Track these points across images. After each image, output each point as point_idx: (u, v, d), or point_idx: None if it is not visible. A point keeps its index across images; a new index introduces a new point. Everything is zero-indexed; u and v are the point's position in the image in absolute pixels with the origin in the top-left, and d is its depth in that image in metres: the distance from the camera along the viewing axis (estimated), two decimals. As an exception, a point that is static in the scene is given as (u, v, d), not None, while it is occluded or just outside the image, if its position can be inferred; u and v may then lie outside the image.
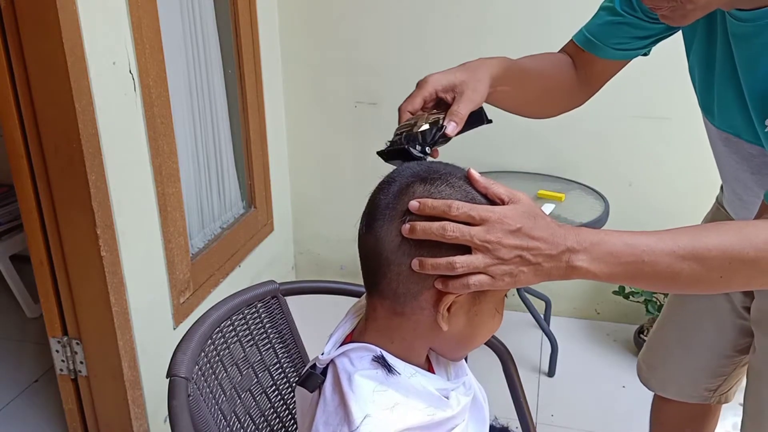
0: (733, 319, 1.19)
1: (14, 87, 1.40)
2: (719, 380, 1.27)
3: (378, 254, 0.70)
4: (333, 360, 0.74)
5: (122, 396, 1.67)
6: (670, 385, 1.32)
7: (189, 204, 1.96)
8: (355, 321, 0.80)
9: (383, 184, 0.72)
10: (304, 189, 2.66)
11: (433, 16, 2.26)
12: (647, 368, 1.36)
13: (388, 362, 0.71)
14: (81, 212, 1.47)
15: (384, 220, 0.69)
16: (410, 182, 0.70)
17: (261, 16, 2.23)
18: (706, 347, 1.24)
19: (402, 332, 0.73)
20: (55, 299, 1.61)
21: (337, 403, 0.70)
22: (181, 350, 0.93)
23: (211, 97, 2.07)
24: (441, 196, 0.68)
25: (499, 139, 2.31)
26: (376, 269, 0.71)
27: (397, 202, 0.69)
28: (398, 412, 0.69)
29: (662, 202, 2.26)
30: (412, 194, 0.69)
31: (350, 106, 2.45)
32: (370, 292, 0.75)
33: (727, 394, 1.30)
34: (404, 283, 0.69)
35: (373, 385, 0.70)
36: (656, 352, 1.34)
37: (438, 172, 0.71)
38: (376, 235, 0.69)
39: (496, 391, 1.10)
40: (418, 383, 0.72)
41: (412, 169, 0.72)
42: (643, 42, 1.03)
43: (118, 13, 1.50)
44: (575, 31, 1.11)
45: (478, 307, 0.72)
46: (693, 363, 1.27)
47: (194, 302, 1.92)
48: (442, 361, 0.82)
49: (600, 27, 1.04)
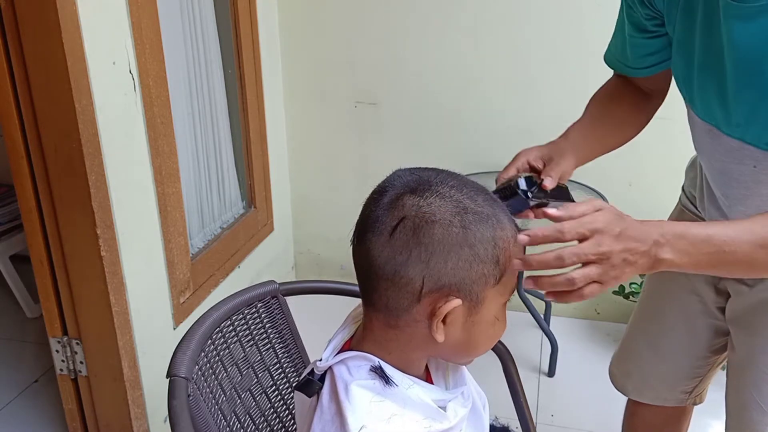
0: (705, 320, 1.19)
1: (14, 87, 1.40)
2: (695, 381, 1.27)
3: (368, 267, 0.69)
4: (331, 367, 0.73)
5: (122, 396, 1.66)
6: (647, 391, 1.32)
7: (189, 204, 1.96)
8: (354, 327, 0.79)
9: (375, 193, 0.71)
10: (304, 189, 2.66)
11: (434, 16, 2.26)
12: (621, 374, 1.36)
13: (386, 373, 0.70)
14: (81, 212, 1.47)
15: (373, 233, 0.68)
16: (401, 194, 0.68)
17: (261, 16, 2.23)
18: (679, 351, 1.25)
19: (398, 344, 0.72)
20: (55, 299, 1.61)
21: (333, 413, 0.70)
22: (181, 350, 0.93)
23: (211, 97, 2.07)
24: (431, 209, 0.66)
25: (498, 140, 2.31)
26: (367, 282, 0.70)
27: (387, 215, 0.68)
28: (394, 424, 0.68)
29: (662, 202, 2.25)
30: (401, 207, 0.67)
31: (350, 106, 2.45)
32: (365, 304, 0.74)
33: (702, 394, 1.31)
34: (394, 297, 0.68)
35: (370, 395, 0.69)
36: (629, 359, 1.34)
37: (428, 182, 0.68)
38: (366, 248, 0.69)
39: (496, 391, 1.10)
40: (416, 395, 0.71)
41: (403, 179, 0.70)
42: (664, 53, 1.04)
43: (118, 13, 1.50)
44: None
45: (475, 317, 0.70)
46: (667, 367, 1.27)
47: (194, 302, 1.92)
48: (441, 371, 0.81)
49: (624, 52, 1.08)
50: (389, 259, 0.67)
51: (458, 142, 2.37)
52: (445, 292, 0.67)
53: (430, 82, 2.34)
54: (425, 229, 0.66)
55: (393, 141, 2.43)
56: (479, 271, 0.67)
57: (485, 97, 2.31)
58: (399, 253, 0.66)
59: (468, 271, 0.67)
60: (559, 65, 2.21)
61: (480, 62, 2.26)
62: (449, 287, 0.67)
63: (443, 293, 0.67)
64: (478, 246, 0.67)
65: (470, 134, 2.36)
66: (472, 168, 2.22)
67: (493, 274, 0.68)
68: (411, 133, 2.41)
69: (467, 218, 0.67)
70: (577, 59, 2.17)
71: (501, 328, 0.75)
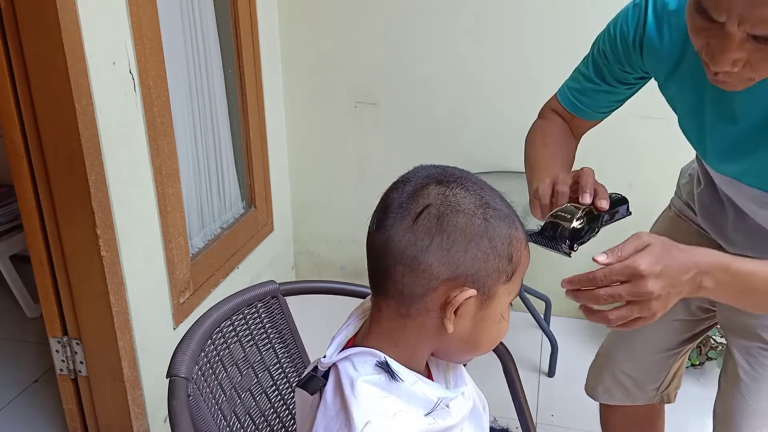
0: (683, 316, 1.22)
1: (14, 87, 1.40)
2: (663, 375, 1.30)
3: (386, 253, 0.69)
4: (335, 363, 0.73)
5: (122, 396, 1.66)
6: (616, 390, 1.33)
7: (189, 204, 1.96)
8: (359, 324, 0.79)
9: (398, 183, 0.72)
10: (304, 189, 2.66)
11: (434, 16, 2.26)
12: (593, 377, 1.38)
13: (392, 368, 0.71)
14: (81, 212, 1.47)
15: (395, 219, 0.69)
16: (425, 183, 0.70)
17: (261, 16, 2.23)
18: (651, 347, 1.27)
19: (406, 334, 0.73)
20: (55, 299, 1.61)
21: (338, 408, 0.70)
22: (181, 350, 0.93)
23: (211, 97, 2.07)
24: (456, 200, 0.68)
25: (498, 140, 2.31)
26: (383, 269, 0.70)
27: (411, 202, 0.69)
28: (399, 420, 0.68)
29: (662, 202, 2.25)
30: (426, 195, 0.69)
31: (350, 106, 2.45)
32: (375, 293, 0.74)
33: (668, 391, 1.33)
34: (410, 284, 0.69)
35: (376, 391, 0.69)
36: (604, 362, 1.36)
37: (453, 175, 0.71)
38: (386, 234, 0.69)
39: (496, 391, 1.10)
40: (421, 390, 0.71)
41: (427, 171, 0.72)
42: (623, 101, 1.10)
43: (118, 13, 1.50)
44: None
45: (485, 311, 0.71)
46: (639, 364, 1.29)
47: (194, 302, 1.92)
48: (442, 370, 0.81)
49: (582, 94, 1.11)
50: (410, 245, 0.68)
51: (458, 142, 2.37)
52: (461, 281, 0.68)
53: (431, 82, 2.34)
54: (450, 217, 0.67)
55: (393, 141, 2.43)
56: (495, 265, 0.69)
57: (485, 97, 2.31)
58: (421, 239, 0.67)
59: (485, 263, 0.68)
60: (559, 65, 2.21)
61: (480, 62, 2.26)
62: (465, 277, 0.68)
63: (459, 282, 0.68)
64: (496, 240, 0.69)
65: (470, 134, 2.36)
66: (472, 168, 2.19)
67: (506, 270, 0.70)
68: (411, 133, 2.41)
69: (489, 212, 0.69)
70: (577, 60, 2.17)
71: (505, 328, 0.76)
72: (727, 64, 0.76)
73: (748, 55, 0.74)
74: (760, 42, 0.72)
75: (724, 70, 0.77)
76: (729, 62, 0.75)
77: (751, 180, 0.93)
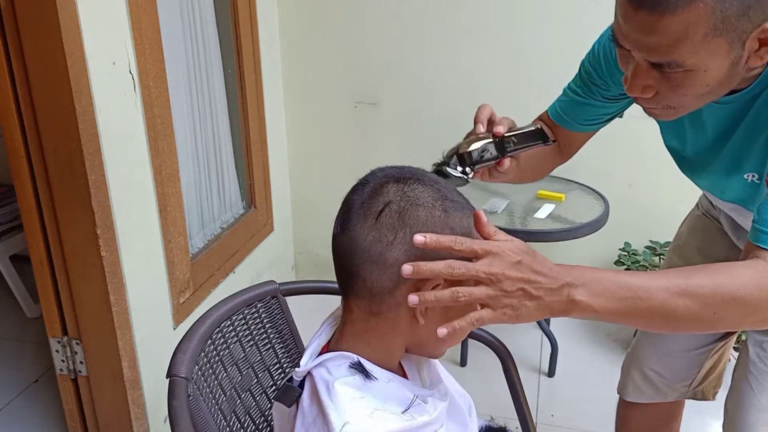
0: None
1: (14, 87, 1.40)
2: (693, 372, 1.29)
3: (352, 253, 0.71)
4: (310, 372, 0.74)
5: (122, 396, 1.66)
6: (645, 387, 1.33)
7: (189, 204, 1.96)
8: (331, 332, 0.80)
9: (357, 185, 0.74)
10: (304, 189, 2.66)
11: (433, 16, 2.26)
12: (623, 376, 1.38)
13: (366, 368, 0.72)
14: (81, 212, 1.47)
15: (358, 219, 0.71)
16: (384, 182, 0.72)
17: (261, 16, 2.23)
18: (677, 342, 1.26)
19: (379, 332, 0.74)
20: (55, 299, 1.61)
21: (315, 414, 0.70)
22: (181, 350, 0.93)
23: (211, 97, 2.07)
24: (414, 194, 0.70)
25: (499, 139, 2.31)
26: (351, 269, 0.72)
27: (371, 202, 0.71)
28: (377, 418, 0.69)
29: (662, 202, 2.26)
30: (386, 193, 0.70)
31: (350, 106, 2.45)
32: (345, 295, 0.75)
33: (703, 388, 1.32)
34: (378, 280, 0.70)
35: (352, 392, 0.70)
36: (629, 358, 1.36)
37: (410, 172, 0.73)
38: (351, 234, 0.71)
39: (496, 391, 1.10)
40: (396, 388, 0.73)
41: (384, 171, 0.74)
42: (609, 116, 1.10)
43: (118, 13, 1.50)
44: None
45: None
46: (665, 361, 1.29)
47: (194, 302, 1.92)
48: (415, 369, 0.82)
49: (568, 105, 1.13)
50: (375, 242, 0.69)
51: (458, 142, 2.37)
52: None
53: (430, 82, 2.34)
54: (410, 211, 0.69)
55: (393, 141, 2.43)
56: (457, 255, 0.68)
57: (485, 97, 2.30)
58: (385, 236, 0.69)
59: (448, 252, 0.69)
60: (558, 66, 2.21)
61: (480, 62, 2.26)
62: None
63: None
64: (457, 229, 0.71)
65: (470, 134, 2.36)
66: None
67: (467, 259, 0.70)
68: (411, 133, 2.41)
69: (447, 204, 0.71)
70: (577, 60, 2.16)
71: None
72: (637, 89, 0.80)
73: (656, 83, 0.78)
74: (664, 69, 0.76)
75: (636, 95, 0.81)
76: (639, 88, 0.80)
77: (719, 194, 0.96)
